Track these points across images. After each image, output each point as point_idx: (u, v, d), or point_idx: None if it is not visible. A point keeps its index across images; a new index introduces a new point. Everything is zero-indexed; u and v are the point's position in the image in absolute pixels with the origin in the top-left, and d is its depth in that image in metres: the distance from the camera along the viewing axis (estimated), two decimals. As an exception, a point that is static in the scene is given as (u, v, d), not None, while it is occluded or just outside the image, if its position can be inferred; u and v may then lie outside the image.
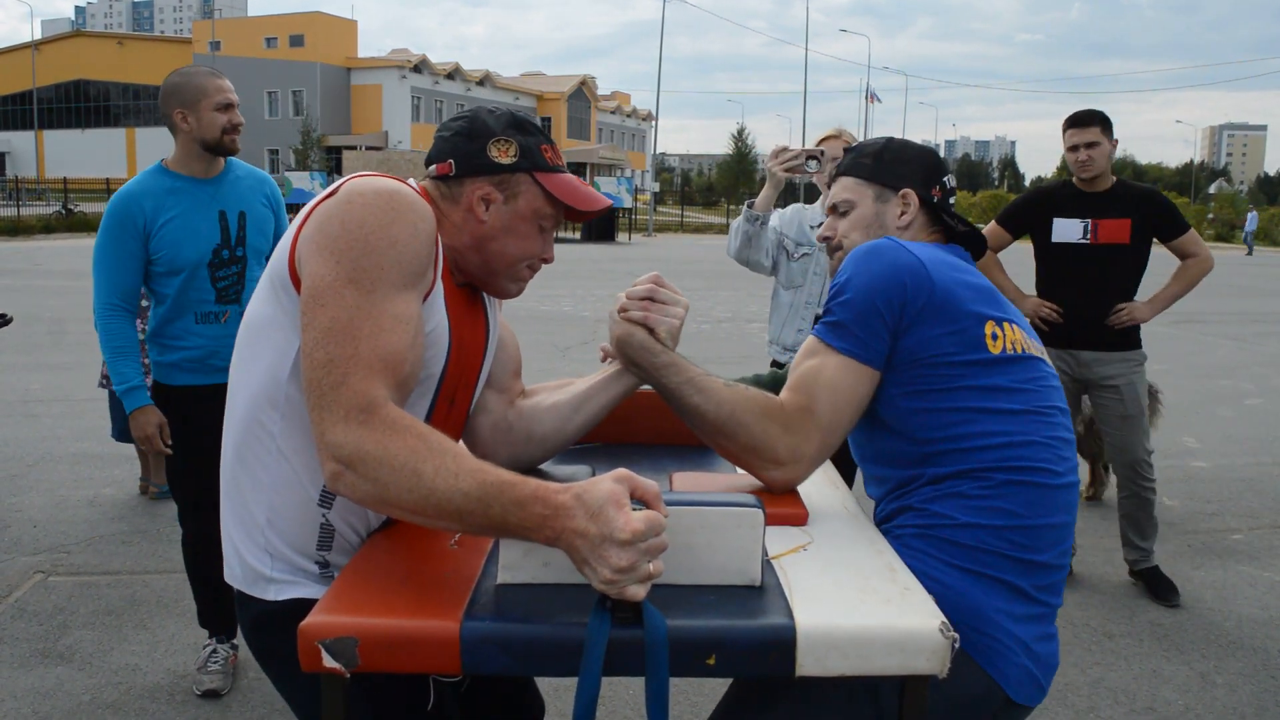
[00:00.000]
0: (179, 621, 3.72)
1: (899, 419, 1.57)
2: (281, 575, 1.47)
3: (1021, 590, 1.51)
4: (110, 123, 67.40)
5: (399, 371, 1.31)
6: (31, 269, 17.49)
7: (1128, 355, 4.01)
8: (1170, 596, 3.97)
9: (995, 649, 1.47)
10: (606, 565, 1.12)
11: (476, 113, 1.57)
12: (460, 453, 1.23)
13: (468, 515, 1.19)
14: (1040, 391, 1.58)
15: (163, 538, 4.63)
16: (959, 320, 1.53)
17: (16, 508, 4.99)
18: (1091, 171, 3.92)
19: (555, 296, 14.08)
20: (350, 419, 1.24)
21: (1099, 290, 3.97)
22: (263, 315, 1.45)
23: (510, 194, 1.53)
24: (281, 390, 1.42)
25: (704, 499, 1.30)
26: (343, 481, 1.24)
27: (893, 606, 1.24)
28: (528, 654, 1.17)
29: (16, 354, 8.84)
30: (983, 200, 43.84)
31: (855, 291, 1.55)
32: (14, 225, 26.49)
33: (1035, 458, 1.52)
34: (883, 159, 1.79)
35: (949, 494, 1.52)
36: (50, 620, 3.71)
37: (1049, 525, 1.54)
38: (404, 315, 1.34)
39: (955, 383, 1.52)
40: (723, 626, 1.18)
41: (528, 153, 1.53)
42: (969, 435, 1.51)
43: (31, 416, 6.83)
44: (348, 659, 1.16)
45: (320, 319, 1.29)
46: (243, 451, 1.47)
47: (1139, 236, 3.92)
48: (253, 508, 1.47)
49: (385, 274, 1.33)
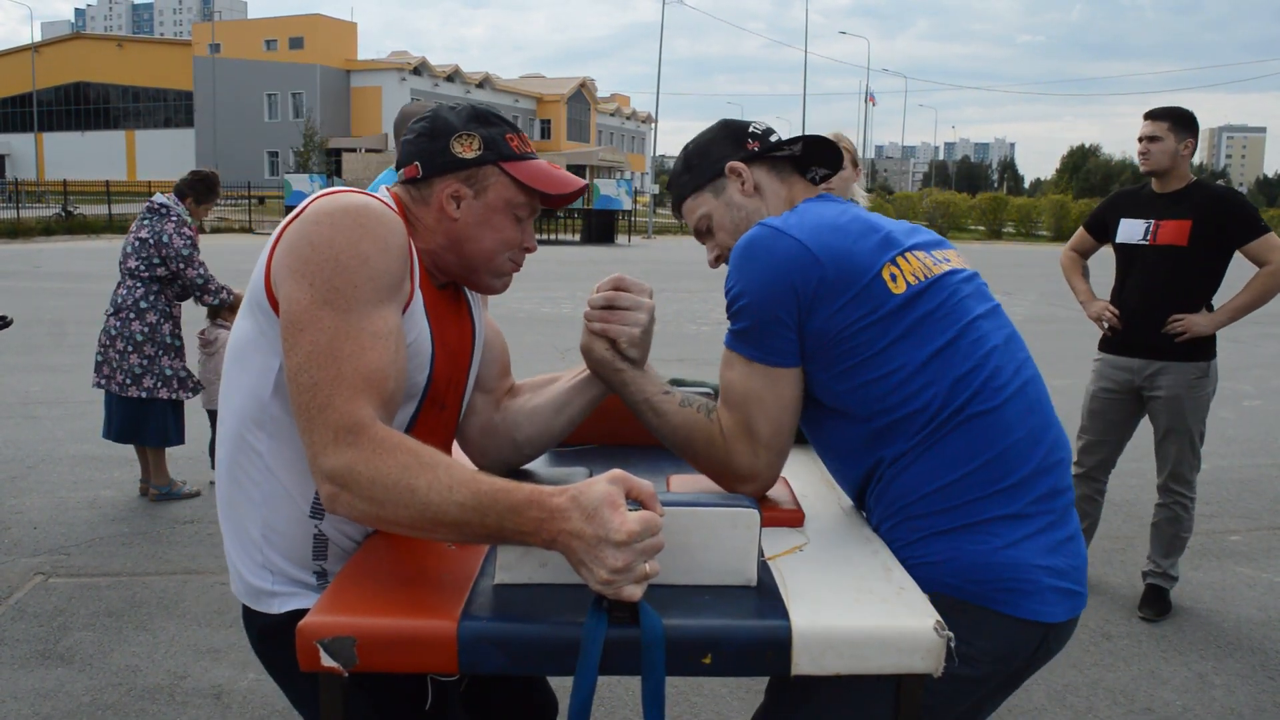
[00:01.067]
0: (179, 622, 3.73)
1: (837, 400, 1.53)
2: (282, 588, 1.48)
3: (1017, 515, 1.46)
4: (110, 125, 67.47)
5: (384, 389, 1.31)
6: (31, 271, 17.50)
7: (1185, 367, 3.77)
8: (1149, 611, 3.89)
9: (1019, 590, 1.43)
10: (603, 566, 1.13)
11: (437, 111, 1.56)
12: (452, 465, 1.23)
13: (465, 526, 1.20)
14: (954, 312, 1.52)
15: (163, 539, 4.63)
16: (856, 281, 1.49)
17: (17, 510, 5.00)
18: (1149, 165, 3.80)
19: (555, 299, 14.10)
20: (340, 441, 1.25)
21: (1159, 296, 3.79)
22: (245, 335, 1.46)
23: (479, 188, 1.52)
24: (266, 410, 1.44)
25: (699, 500, 1.31)
26: (340, 503, 1.25)
27: (888, 606, 1.25)
28: (524, 653, 1.18)
29: (17, 355, 8.85)
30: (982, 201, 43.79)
31: (748, 297, 1.51)
32: (14, 227, 26.47)
33: (965, 391, 1.47)
34: (691, 163, 1.76)
35: (903, 470, 1.49)
36: (50, 621, 3.72)
37: (1012, 443, 1.48)
38: (383, 331, 1.34)
39: (876, 346, 1.48)
40: (719, 626, 1.19)
41: (492, 144, 1.52)
42: (904, 399, 1.48)
43: (31, 418, 6.84)
44: (345, 658, 1.17)
45: (301, 344, 1.30)
46: (234, 471, 1.48)
47: (1201, 240, 3.71)
48: (248, 525, 1.48)
49: (359, 292, 1.32)
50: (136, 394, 4.94)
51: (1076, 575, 1.50)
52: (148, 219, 5.05)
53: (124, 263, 5.02)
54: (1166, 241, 3.78)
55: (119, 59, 67.45)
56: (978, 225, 42.89)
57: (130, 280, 4.98)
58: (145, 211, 5.09)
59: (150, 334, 4.95)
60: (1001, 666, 1.46)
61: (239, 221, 33.08)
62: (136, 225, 5.07)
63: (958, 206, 43.20)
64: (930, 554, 1.45)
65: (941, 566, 1.43)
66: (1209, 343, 3.81)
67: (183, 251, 4.96)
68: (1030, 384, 1.56)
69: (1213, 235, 3.72)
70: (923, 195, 51.66)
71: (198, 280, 5.02)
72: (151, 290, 4.99)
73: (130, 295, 4.96)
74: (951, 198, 46.12)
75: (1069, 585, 1.48)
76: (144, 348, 4.94)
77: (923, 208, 45.74)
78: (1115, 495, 5.27)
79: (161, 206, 5.07)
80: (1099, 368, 4.05)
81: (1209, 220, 3.72)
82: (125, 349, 4.92)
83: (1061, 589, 1.47)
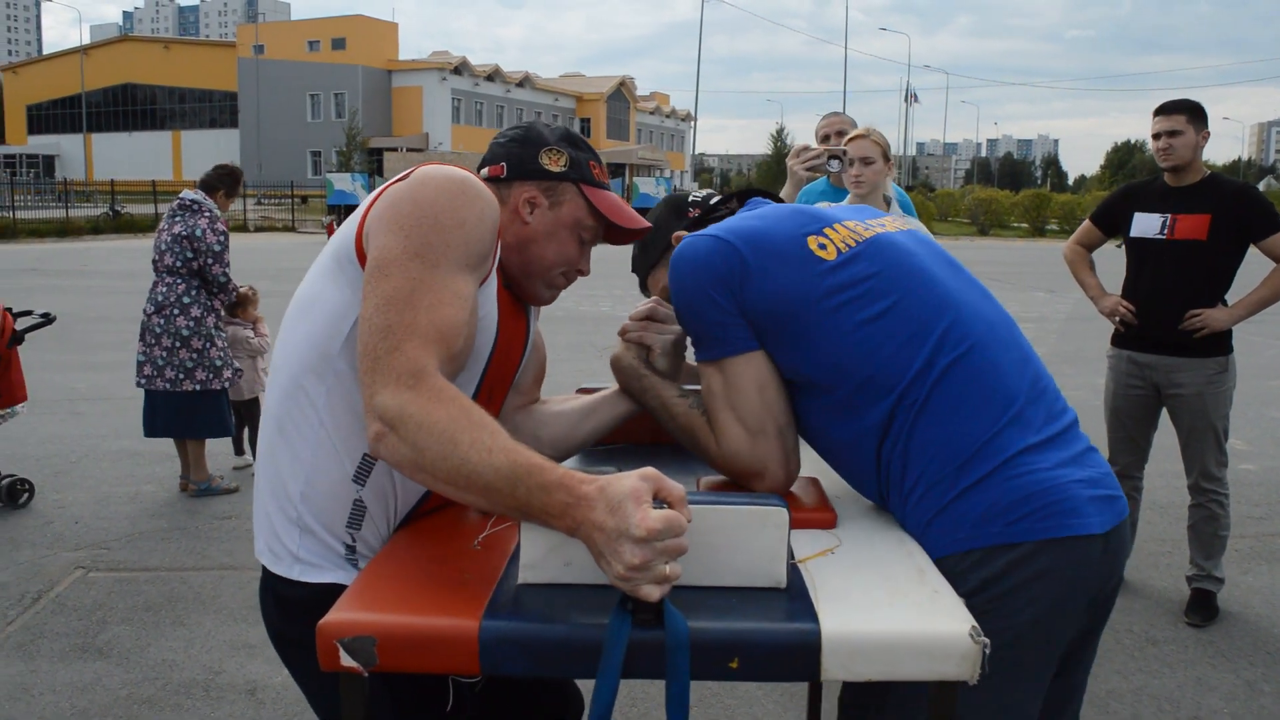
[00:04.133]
0: (215, 618, 3.75)
1: (798, 374, 1.53)
2: (308, 555, 1.47)
3: (1035, 444, 1.44)
4: (157, 125, 68.53)
5: (452, 345, 1.33)
6: (80, 269, 17.79)
7: (1203, 362, 3.73)
8: (1195, 616, 3.80)
9: (1061, 510, 1.40)
10: (620, 561, 1.10)
11: (533, 124, 1.65)
12: (498, 430, 1.23)
13: (494, 492, 1.19)
14: (897, 268, 1.52)
15: (201, 534, 4.67)
16: (779, 253, 1.50)
17: (60, 504, 5.06)
18: (1171, 160, 3.73)
19: (594, 297, 14.08)
20: (401, 383, 1.26)
21: (1175, 291, 3.74)
22: (318, 289, 1.48)
23: (555, 201, 1.59)
24: (330, 362, 1.45)
25: (728, 499, 1.28)
26: (384, 443, 1.26)
27: (921, 610, 1.21)
28: (547, 655, 1.16)
29: (62, 353, 8.99)
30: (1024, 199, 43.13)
31: (687, 303, 1.55)
32: (63, 226, 26.95)
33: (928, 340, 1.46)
34: (645, 245, 1.86)
35: (905, 438, 1.46)
36: (89, 615, 3.76)
37: (998, 378, 1.47)
38: (463, 293, 1.37)
39: (818, 310, 1.47)
40: (746, 629, 1.16)
41: (577, 165, 1.60)
42: (862, 358, 1.46)
43: (76, 414, 6.94)
44: (366, 658, 1.15)
45: (383, 288, 1.33)
46: (284, 422, 1.48)
47: (1220, 234, 3.66)
48: (288, 480, 1.48)
49: (450, 252, 1.36)
50: (190, 387, 5.04)
51: (1108, 481, 1.49)
52: (180, 215, 5.14)
53: (159, 260, 5.10)
54: (1185, 236, 3.72)
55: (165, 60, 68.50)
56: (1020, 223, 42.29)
57: (169, 277, 5.06)
58: (177, 208, 5.18)
59: (196, 328, 5.05)
60: (1078, 590, 1.43)
61: (282, 221, 33.46)
62: (168, 222, 5.16)
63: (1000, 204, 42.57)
64: (970, 509, 1.42)
65: (983, 518, 1.40)
66: (1226, 337, 3.77)
67: (214, 248, 5.08)
68: (999, 323, 1.56)
69: (1232, 229, 3.68)
70: (965, 193, 51.08)
71: (220, 278, 5.13)
72: (192, 285, 5.08)
73: (172, 292, 5.03)
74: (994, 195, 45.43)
75: (1105, 492, 1.47)
76: (191, 341, 5.03)
77: (965, 205, 45.21)
78: (1159, 497, 5.17)
79: (194, 203, 5.18)
80: (1115, 364, 4.00)
81: (1229, 214, 3.67)
82: (173, 345, 5.01)
83: (1099, 497, 1.45)
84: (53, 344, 8.72)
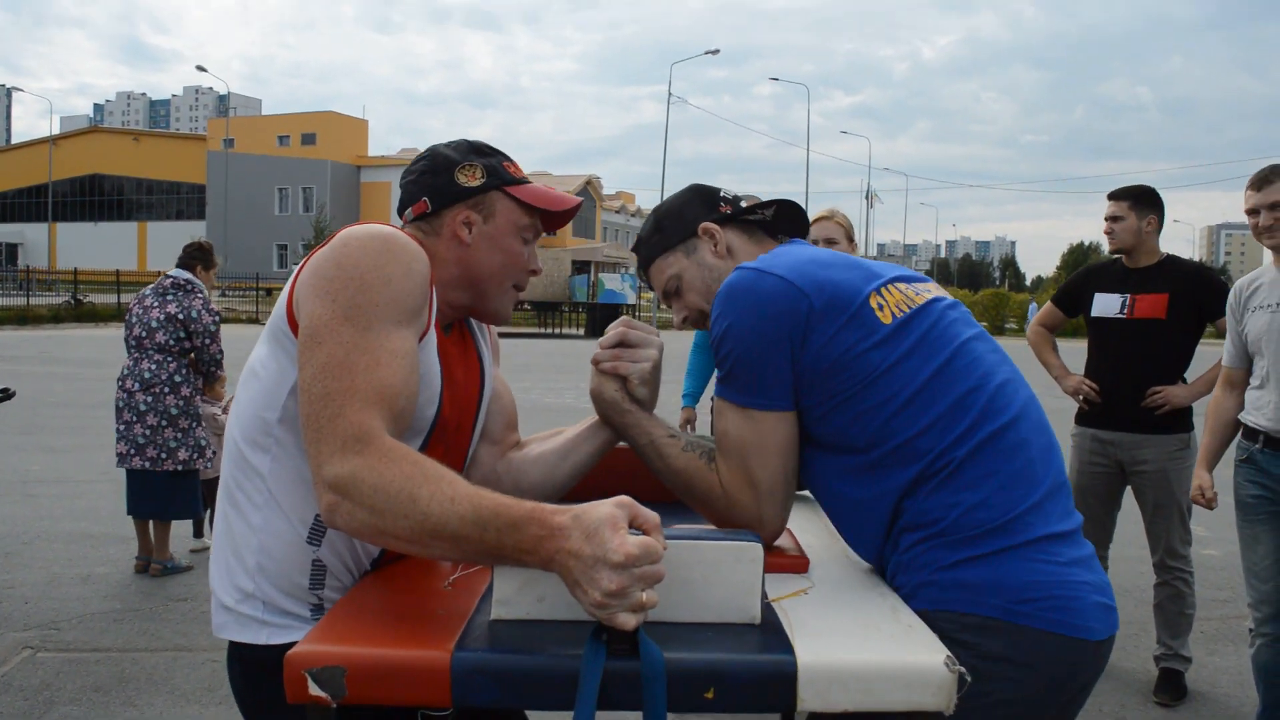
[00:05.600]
0: (168, 699, 3.64)
1: (836, 434, 1.49)
2: (274, 619, 1.44)
3: (1056, 534, 1.42)
4: (123, 216, 68.46)
5: (395, 405, 1.31)
6: (40, 355, 17.57)
7: (1166, 439, 3.79)
8: (1164, 695, 3.78)
9: (1069, 608, 1.38)
10: (597, 588, 1.09)
11: (434, 149, 1.62)
12: (456, 479, 1.21)
13: (463, 540, 1.17)
14: (944, 335, 1.50)
15: (155, 616, 4.55)
16: (845, 309, 1.47)
17: (9, 584, 4.92)
18: (1114, 244, 3.88)
19: (559, 389, 14.09)
20: (347, 449, 1.24)
21: (1137, 369, 3.82)
22: (261, 358, 1.47)
23: (487, 213, 1.58)
24: (271, 431, 1.44)
25: (702, 534, 1.28)
26: (339, 512, 1.23)
27: (897, 643, 1.21)
28: (520, 685, 1.14)
29: (19, 435, 8.82)
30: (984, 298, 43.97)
31: (737, 339, 1.49)
32: (23, 314, 26.68)
33: (971, 411, 1.44)
34: (662, 224, 1.77)
35: (928, 496, 1.43)
36: (36, 696, 3.62)
37: (1028, 460, 1.45)
38: (399, 350, 1.35)
39: (872, 371, 1.44)
40: (722, 660, 1.14)
41: (493, 171, 1.59)
42: (905, 423, 1.43)
43: (30, 496, 6.78)
44: (335, 689, 1.13)
45: (317, 356, 1.31)
46: (234, 493, 1.47)
47: (1179, 313, 3.76)
48: (244, 552, 1.45)
49: (380, 310, 1.34)
50: (172, 466, 5.02)
51: (1108, 590, 1.46)
52: (174, 295, 5.17)
53: (147, 338, 5.08)
54: (1145, 315, 3.83)
55: (134, 152, 68.82)
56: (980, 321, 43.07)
57: (159, 355, 5.07)
58: (170, 288, 5.21)
59: (185, 407, 5.07)
60: (1058, 690, 1.40)
61: (246, 312, 33.32)
62: (157, 300, 5.16)
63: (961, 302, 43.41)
64: (973, 576, 1.38)
65: (987, 589, 1.37)
66: (1187, 415, 3.85)
67: (210, 328, 5.17)
68: (1030, 403, 1.54)
69: (1189, 308, 3.79)
70: (925, 291, 51.74)
71: (218, 356, 5.22)
72: (182, 365, 5.12)
73: (163, 370, 5.05)
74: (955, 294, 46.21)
75: (1106, 600, 1.44)
76: (179, 421, 5.04)
77: (925, 303, 45.79)
78: (1123, 581, 5.18)
79: (187, 283, 5.23)
80: (1079, 442, 4.05)
81: (1186, 294, 3.79)
82: (159, 424, 5.00)
83: (1103, 605, 1.43)
84: (9, 425, 8.57)
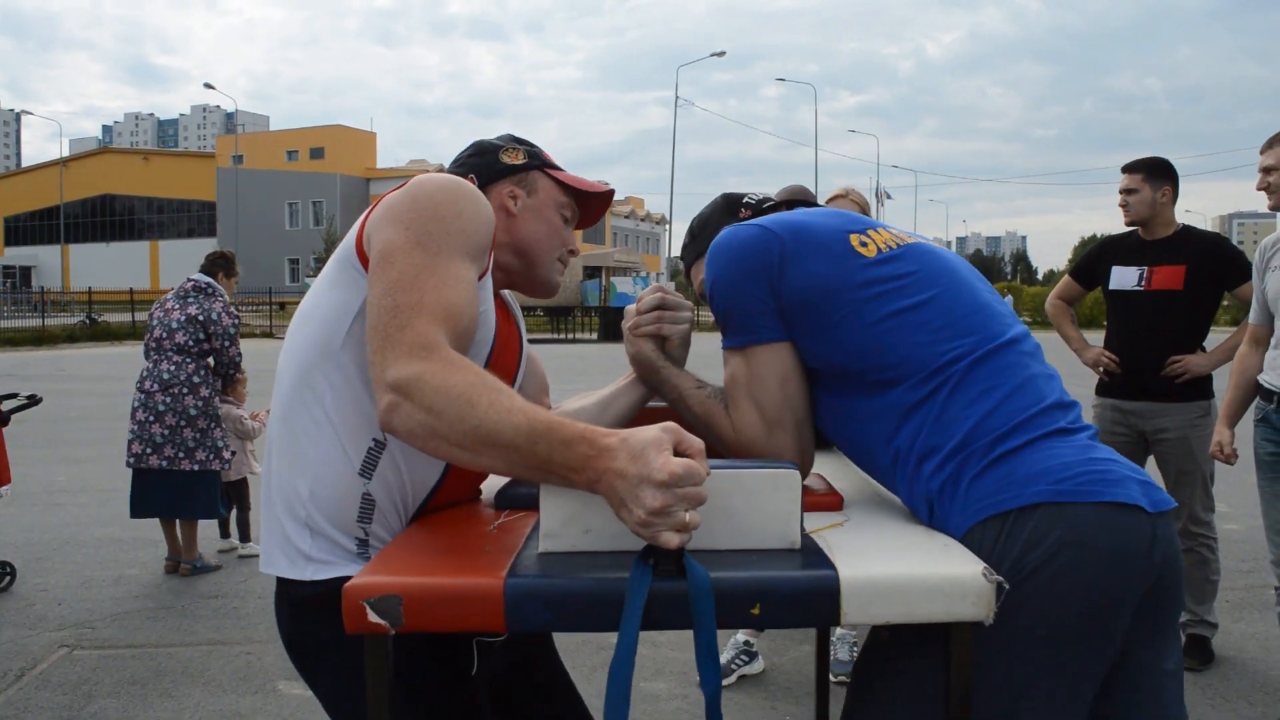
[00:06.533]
0: (205, 690, 3.69)
1: (829, 361, 1.52)
2: (320, 554, 1.48)
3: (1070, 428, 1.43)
4: (135, 236, 68.90)
5: (458, 324, 1.36)
6: (57, 374, 17.70)
7: (1187, 406, 3.84)
8: (1192, 660, 3.79)
9: (1106, 479, 1.36)
10: (641, 506, 1.13)
11: (478, 140, 1.78)
12: (514, 394, 1.26)
13: (514, 450, 1.21)
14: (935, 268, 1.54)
15: (187, 613, 4.60)
16: (821, 245, 1.52)
17: (41, 587, 4.98)
18: (1128, 216, 3.92)
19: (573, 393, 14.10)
20: (413, 354, 1.28)
21: (1155, 339, 3.87)
22: (319, 299, 1.51)
23: (530, 188, 1.73)
24: (334, 358, 1.48)
25: (740, 464, 1.31)
26: (398, 413, 1.27)
27: (934, 558, 1.24)
28: (570, 609, 1.17)
29: (41, 448, 8.91)
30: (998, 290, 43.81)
31: (721, 286, 1.57)
32: (39, 335, 26.87)
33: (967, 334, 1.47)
34: (695, 234, 1.92)
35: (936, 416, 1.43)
36: (75, 690, 3.68)
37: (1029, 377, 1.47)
38: (465, 277, 1.41)
39: (857, 298, 1.48)
40: (766, 577, 1.18)
41: (534, 154, 1.75)
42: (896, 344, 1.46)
43: (56, 505, 6.86)
44: (393, 617, 1.17)
45: (388, 274, 1.37)
46: (290, 421, 1.50)
47: (1195, 283, 3.81)
48: (296, 481, 1.49)
49: (450, 240, 1.41)
50: (189, 466, 5.07)
51: (1145, 475, 1.44)
52: (194, 298, 5.26)
53: (167, 339, 5.14)
54: (1162, 286, 3.87)
55: (144, 171, 69.25)
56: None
57: (178, 356, 5.13)
58: (191, 290, 5.30)
59: (204, 408, 5.13)
60: (1124, 564, 1.33)
61: (260, 326, 33.48)
62: (179, 303, 5.24)
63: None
64: (1009, 473, 1.37)
65: (1024, 479, 1.36)
66: (1207, 382, 3.89)
67: (229, 330, 5.25)
68: (1028, 336, 1.56)
69: (1207, 279, 3.83)
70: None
71: (237, 358, 5.31)
72: (201, 366, 5.19)
73: (181, 370, 5.11)
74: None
75: (1145, 478, 1.42)
76: (197, 421, 5.10)
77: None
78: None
79: (208, 286, 5.33)
80: (1100, 413, 4.08)
81: (1203, 265, 3.83)
82: (178, 424, 5.06)
83: (1141, 480, 1.40)
84: (30, 440, 8.66)
